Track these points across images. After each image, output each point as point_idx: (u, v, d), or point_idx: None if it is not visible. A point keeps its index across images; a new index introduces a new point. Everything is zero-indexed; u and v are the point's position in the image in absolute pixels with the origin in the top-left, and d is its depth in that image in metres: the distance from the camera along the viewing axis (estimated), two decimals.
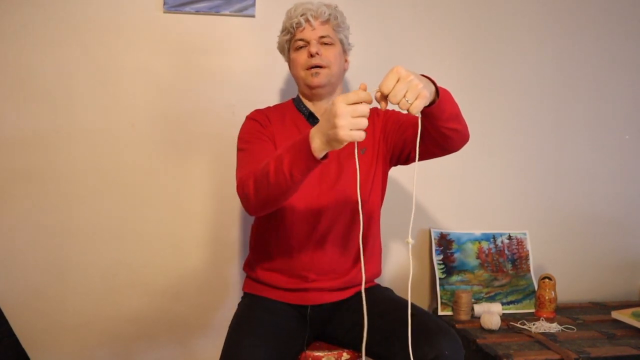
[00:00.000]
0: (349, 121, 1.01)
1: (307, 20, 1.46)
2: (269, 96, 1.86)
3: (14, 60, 1.72)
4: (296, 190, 1.21)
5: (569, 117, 2.09)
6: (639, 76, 2.14)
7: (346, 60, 1.55)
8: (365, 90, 1.04)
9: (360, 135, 1.03)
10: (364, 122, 1.02)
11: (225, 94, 1.83)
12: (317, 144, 1.08)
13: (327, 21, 1.47)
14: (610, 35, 2.10)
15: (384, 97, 1.04)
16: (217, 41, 1.82)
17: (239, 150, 1.44)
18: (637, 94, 2.14)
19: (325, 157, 1.12)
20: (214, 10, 1.79)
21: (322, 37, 1.46)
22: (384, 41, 1.93)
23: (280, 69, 1.82)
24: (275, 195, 1.20)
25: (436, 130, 1.25)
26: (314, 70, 1.45)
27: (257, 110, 1.54)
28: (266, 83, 1.86)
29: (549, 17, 2.04)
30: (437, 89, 1.16)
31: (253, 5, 1.81)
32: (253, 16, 1.83)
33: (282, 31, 1.53)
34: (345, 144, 1.05)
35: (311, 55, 1.44)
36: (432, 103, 1.16)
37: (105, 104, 1.77)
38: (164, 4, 1.77)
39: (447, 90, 1.21)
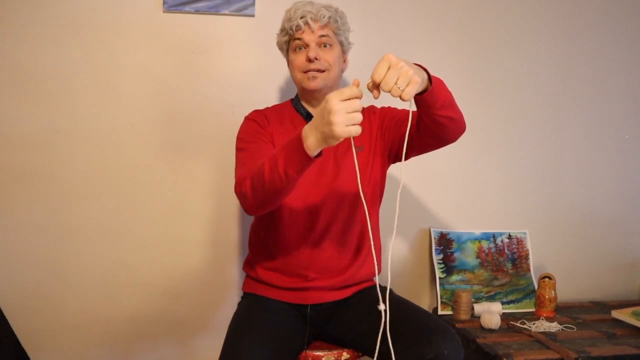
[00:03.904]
0: (344, 117, 1.02)
1: (307, 23, 1.42)
2: (269, 96, 1.86)
3: (14, 60, 1.72)
4: (293, 188, 1.21)
5: (568, 116, 2.09)
6: (638, 76, 2.14)
7: (345, 60, 1.55)
8: (358, 85, 1.05)
9: (357, 130, 1.03)
10: (359, 117, 1.03)
11: (225, 94, 1.83)
12: (312, 142, 1.08)
13: (326, 25, 1.44)
14: (610, 35, 2.10)
15: (376, 86, 1.05)
16: (217, 41, 1.82)
17: (237, 150, 1.44)
18: (637, 94, 2.15)
19: (319, 154, 1.12)
20: (214, 10, 1.79)
21: (322, 36, 1.44)
22: (383, 41, 1.93)
23: (280, 68, 1.82)
24: (271, 194, 1.21)
25: (431, 119, 1.26)
26: (311, 73, 1.43)
27: (255, 111, 1.54)
28: (266, 83, 1.86)
29: (548, 17, 2.04)
30: (429, 77, 1.16)
31: (253, 4, 1.81)
32: (253, 16, 1.83)
33: (281, 31, 1.51)
34: (342, 139, 1.05)
35: (309, 60, 1.42)
36: (425, 91, 1.16)
37: (105, 104, 1.77)
38: (164, 3, 1.77)
39: (440, 79, 1.22)
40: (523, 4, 2.02)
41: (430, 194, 2.00)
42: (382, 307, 1.14)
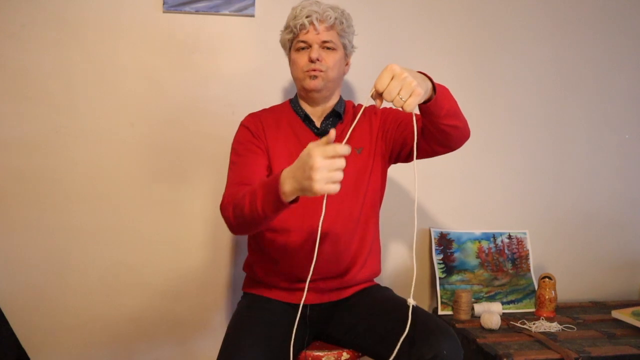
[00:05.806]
0: (325, 175, 1.00)
1: (312, 23, 1.41)
2: (269, 96, 1.86)
3: (14, 60, 1.72)
4: (273, 220, 1.22)
5: (569, 116, 2.09)
6: (638, 76, 2.14)
7: (347, 64, 1.53)
8: (334, 137, 1.02)
9: (336, 189, 1.01)
10: (340, 176, 1.01)
11: (225, 94, 1.83)
12: (288, 189, 1.08)
13: (332, 26, 1.43)
14: (610, 34, 2.10)
15: (379, 95, 1.05)
16: (216, 41, 1.82)
17: (230, 162, 1.45)
18: (637, 94, 2.14)
19: (295, 200, 1.11)
20: (214, 10, 1.79)
21: (325, 42, 1.43)
22: (382, 41, 1.93)
23: (280, 68, 1.82)
24: (251, 225, 1.24)
25: (435, 127, 1.26)
26: (312, 72, 1.43)
27: (251, 115, 1.53)
28: (266, 83, 1.86)
29: (548, 16, 2.04)
30: (434, 85, 1.16)
31: (253, 4, 1.81)
32: (253, 16, 1.83)
33: (285, 28, 1.49)
34: (319, 195, 1.03)
35: (311, 60, 1.42)
36: (429, 100, 1.16)
37: (105, 104, 1.77)
38: (164, 3, 1.77)
39: (444, 87, 1.21)
40: (523, 4, 2.02)
41: (430, 194, 1.99)
42: (411, 301, 1.15)
